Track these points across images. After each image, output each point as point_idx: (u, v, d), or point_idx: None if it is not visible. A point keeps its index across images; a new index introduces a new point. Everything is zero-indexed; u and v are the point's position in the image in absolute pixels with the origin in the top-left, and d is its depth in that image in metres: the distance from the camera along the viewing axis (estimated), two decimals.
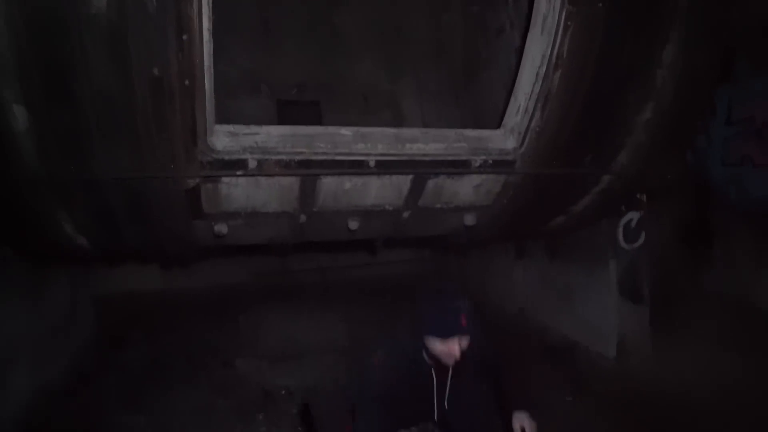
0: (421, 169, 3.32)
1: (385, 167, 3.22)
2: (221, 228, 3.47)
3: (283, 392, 4.58)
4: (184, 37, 2.61)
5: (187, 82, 2.70)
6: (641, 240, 4.94)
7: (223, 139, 3.01)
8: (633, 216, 4.87)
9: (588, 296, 5.29)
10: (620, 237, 4.88)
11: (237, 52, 6.13)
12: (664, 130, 3.61)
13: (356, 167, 3.21)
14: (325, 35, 6.61)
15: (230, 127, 3.08)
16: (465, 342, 2.51)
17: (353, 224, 3.68)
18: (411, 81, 6.76)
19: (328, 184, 3.32)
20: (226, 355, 5.14)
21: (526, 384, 4.56)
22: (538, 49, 3.19)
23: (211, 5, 2.66)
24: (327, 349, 5.28)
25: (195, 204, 3.26)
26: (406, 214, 3.73)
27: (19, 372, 4.00)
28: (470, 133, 3.45)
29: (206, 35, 2.67)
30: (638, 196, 4.78)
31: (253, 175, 3.10)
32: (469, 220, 3.84)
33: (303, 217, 3.56)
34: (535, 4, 3.22)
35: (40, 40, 2.51)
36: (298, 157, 3.09)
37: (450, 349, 2.49)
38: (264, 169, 3.06)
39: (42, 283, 4.51)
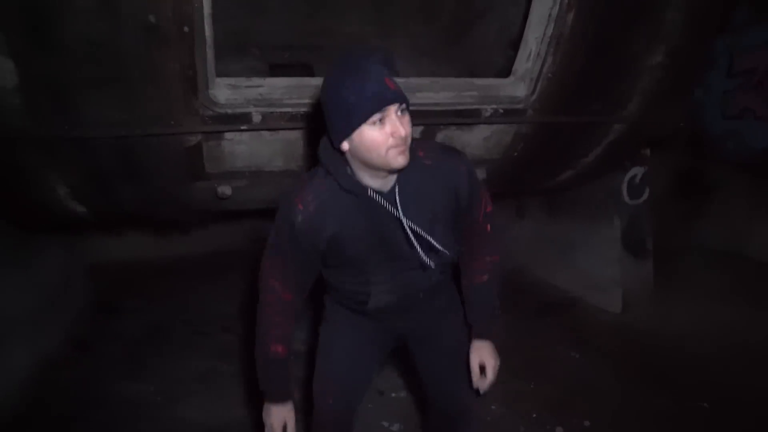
0: (431, 119, 3.17)
1: None
2: (225, 189, 3.28)
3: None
4: None
5: (186, 29, 2.51)
6: (645, 195, 4.89)
7: (225, 91, 2.82)
8: (637, 171, 4.81)
9: (590, 252, 5.22)
10: (624, 192, 4.82)
11: (220, 12, 5.85)
12: (672, 76, 3.49)
13: None
14: None
15: (231, 80, 2.88)
16: (407, 119, 1.74)
17: None
18: (403, 38, 6.53)
19: None
20: (226, 321, 5.02)
21: (528, 339, 4.57)
22: None
23: None
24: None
25: (196, 163, 3.08)
26: None
27: (17, 343, 3.85)
28: (480, 81, 3.28)
29: None
30: (642, 150, 4.71)
31: (258, 130, 2.92)
32: (479, 174, 3.70)
33: None
34: None
35: None
36: (303, 109, 2.92)
37: (392, 130, 1.67)
38: (269, 122, 2.89)
39: (34, 252, 4.33)
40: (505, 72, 3.36)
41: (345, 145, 1.76)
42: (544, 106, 3.27)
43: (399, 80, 1.75)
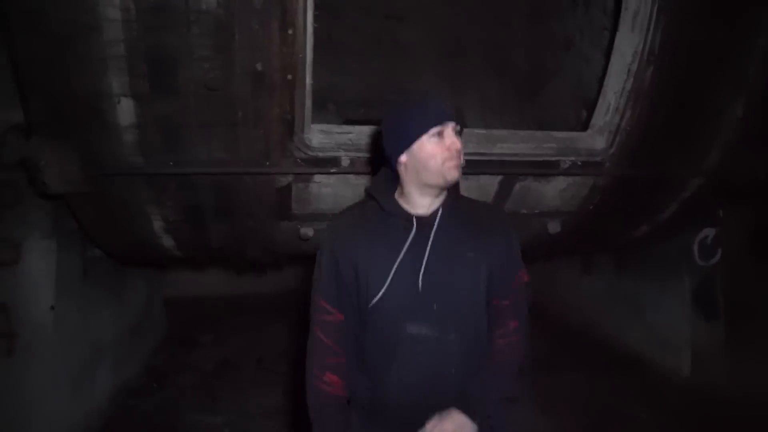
0: (509, 170, 3.25)
1: (475, 166, 3.15)
2: (307, 231, 3.44)
3: None
4: (290, 31, 2.62)
5: (289, 77, 2.71)
6: (717, 257, 4.80)
7: (318, 135, 3.00)
8: (709, 233, 4.75)
9: (660, 310, 5.12)
10: (696, 253, 4.75)
11: None
12: (753, 129, 3.49)
13: None
14: (388, 51, 6.61)
15: (323, 126, 3.07)
16: (459, 142, 1.79)
17: None
18: (474, 94, 6.71)
19: None
20: (293, 359, 5.12)
21: (596, 397, 4.48)
22: (629, 46, 3.11)
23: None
24: None
25: (284, 203, 3.25)
26: None
27: (104, 369, 4.04)
28: (559, 134, 3.37)
29: (309, 29, 2.67)
30: (716, 211, 4.66)
31: (345, 173, 3.07)
32: (553, 227, 3.73)
33: None
34: (623, 3, 3.16)
35: (151, 32, 2.55)
36: None
37: (450, 143, 1.76)
38: (356, 166, 3.04)
39: (123, 284, 4.57)
40: (578, 129, 3.43)
41: (403, 158, 1.83)
42: (621, 159, 3.32)
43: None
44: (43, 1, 2.42)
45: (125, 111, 2.69)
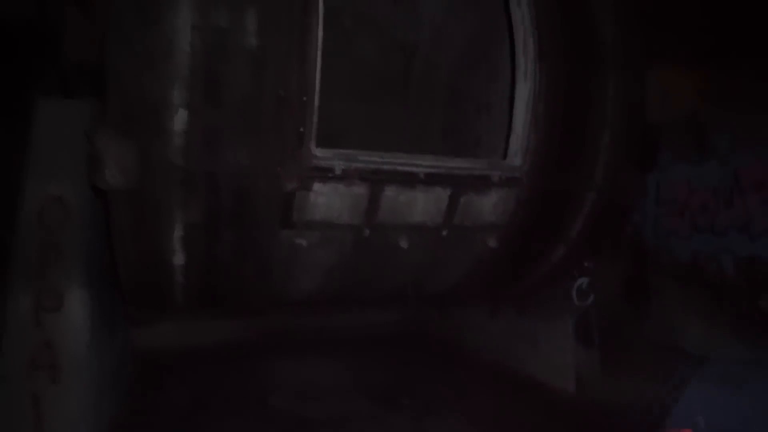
0: (456, 182, 4.28)
1: (432, 179, 4.16)
2: (301, 241, 4.17)
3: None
4: (305, 65, 3.61)
5: (304, 98, 3.64)
6: (591, 299, 6.03)
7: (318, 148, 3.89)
8: (583, 281, 5.99)
9: (550, 343, 6.27)
10: (574, 297, 5.95)
11: None
12: (619, 152, 4.84)
13: (410, 178, 4.14)
14: None
15: None
16: None
17: (404, 242, 4.45)
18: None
19: (387, 197, 4.17)
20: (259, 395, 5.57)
21: (506, 412, 5.50)
22: (525, 90, 4.45)
23: (321, 43, 3.69)
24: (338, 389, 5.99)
25: (288, 209, 3.98)
26: (444, 232, 4.54)
27: (103, 401, 4.48)
28: (489, 158, 4.52)
29: (318, 63, 3.67)
30: (586, 264, 5.94)
31: (339, 178, 3.93)
32: (492, 242, 4.72)
33: (366, 231, 4.30)
34: (517, 64, 4.51)
35: (209, 61, 3.44)
36: (371, 165, 4.00)
37: None
38: (346, 174, 3.93)
39: (121, 324, 5.11)
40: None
41: None
42: (533, 174, 4.50)
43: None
44: (136, 27, 3.28)
45: (179, 119, 3.48)
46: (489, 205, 4.56)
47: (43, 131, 4.18)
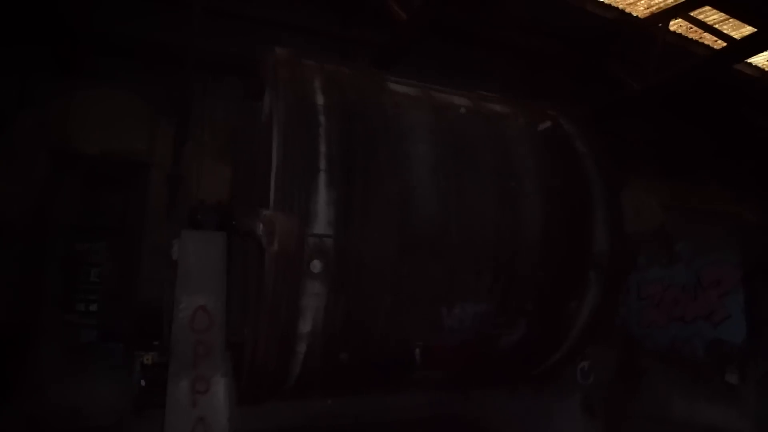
0: None
1: None
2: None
3: None
4: None
5: None
6: (592, 378, 7.19)
7: None
8: (585, 364, 7.18)
9: (563, 415, 7.16)
10: (578, 377, 7.04)
11: None
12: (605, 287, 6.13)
13: None
14: None
15: None
16: None
17: None
18: None
19: None
20: None
21: None
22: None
23: None
24: None
25: None
26: None
27: None
28: None
29: None
30: (587, 350, 7.20)
31: None
32: None
33: None
34: None
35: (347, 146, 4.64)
36: None
37: None
38: None
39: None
40: None
41: None
42: None
43: None
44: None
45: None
46: None
47: (189, 256, 5.24)
